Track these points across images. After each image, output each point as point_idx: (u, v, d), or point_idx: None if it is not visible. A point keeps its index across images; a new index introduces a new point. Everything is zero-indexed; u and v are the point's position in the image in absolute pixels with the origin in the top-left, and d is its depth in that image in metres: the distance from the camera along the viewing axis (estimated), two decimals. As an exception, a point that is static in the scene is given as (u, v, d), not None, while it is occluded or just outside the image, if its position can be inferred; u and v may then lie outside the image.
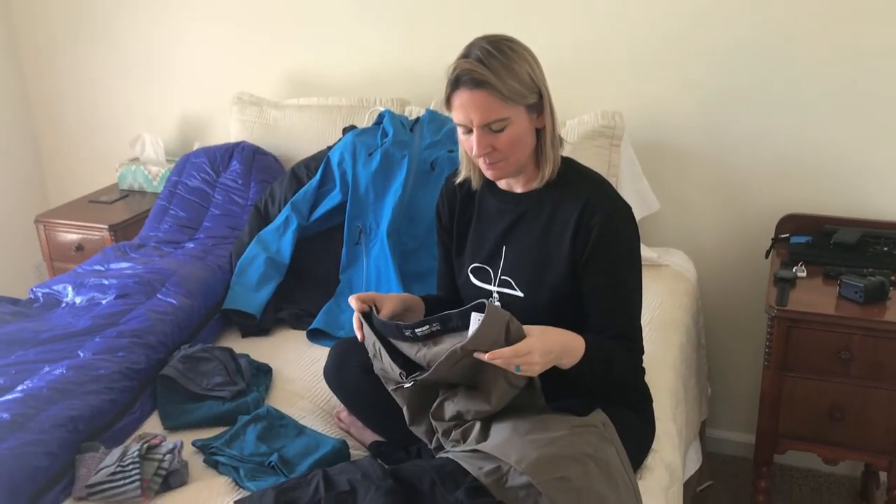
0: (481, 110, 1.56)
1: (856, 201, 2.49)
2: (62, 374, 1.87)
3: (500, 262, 1.73)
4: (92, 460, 1.67)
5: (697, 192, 2.65)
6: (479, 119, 1.57)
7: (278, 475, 1.67)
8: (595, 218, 1.61)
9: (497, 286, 1.73)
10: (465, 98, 1.56)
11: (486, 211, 1.78)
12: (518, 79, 1.56)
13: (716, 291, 2.71)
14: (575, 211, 1.63)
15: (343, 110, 2.81)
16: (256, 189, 2.73)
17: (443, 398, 1.65)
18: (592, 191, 1.66)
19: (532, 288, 1.68)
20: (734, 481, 2.71)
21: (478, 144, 1.59)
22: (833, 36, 2.38)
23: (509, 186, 1.75)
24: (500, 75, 1.54)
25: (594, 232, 1.61)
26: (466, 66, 1.55)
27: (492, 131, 1.58)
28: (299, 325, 2.32)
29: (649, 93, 2.60)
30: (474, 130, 1.58)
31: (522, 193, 1.72)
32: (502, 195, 1.75)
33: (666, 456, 1.77)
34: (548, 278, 1.67)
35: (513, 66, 1.56)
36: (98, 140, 3.44)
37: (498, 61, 1.54)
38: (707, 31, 2.49)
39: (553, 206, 1.67)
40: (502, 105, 1.56)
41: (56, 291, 2.34)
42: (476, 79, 1.54)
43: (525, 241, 1.70)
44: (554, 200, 1.68)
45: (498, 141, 1.59)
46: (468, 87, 1.55)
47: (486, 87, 1.54)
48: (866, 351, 2.08)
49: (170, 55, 3.20)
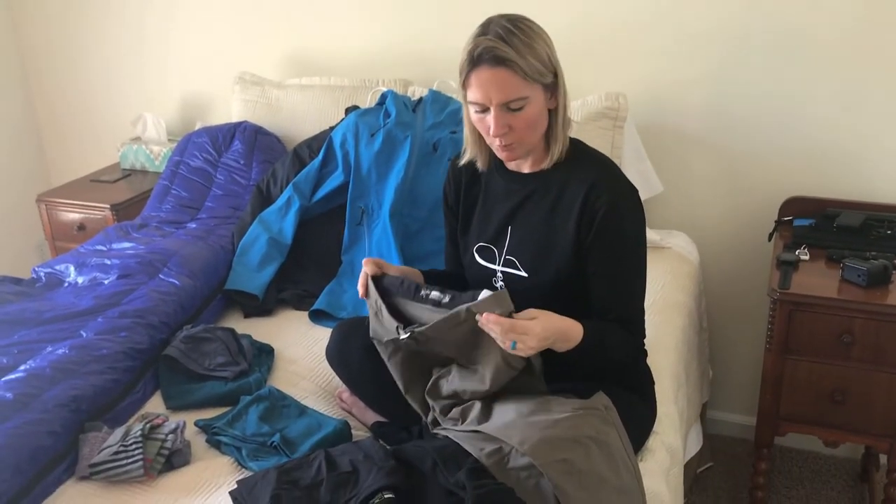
0: (502, 88, 1.54)
1: (859, 184, 2.48)
2: (65, 354, 1.88)
3: (505, 242, 1.73)
4: (95, 440, 1.68)
5: (701, 174, 2.64)
6: (499, 97, 1.55)
7: (280, 455, 1.68)
8: (601, 200, 1.60)
9: (501, 266, 1.73)
10: (486, 76, 1.54)
11: (492, 190, 1.77)
12: (538, 57, 1.55)
13: (718, 274, 2.71)
14: (581, 192, 1.62)
15: (346, 90, 2.79)
16: (258, 169, 2.72)
17: (437, 376, 1.65)
18: (599, 173, 1.65)
19: (536, 268, 1.68)
20: (734, 463, 2.72)
21: (496, 124, 1.57)
22: (838, 18, 2.36)
23: (517, 166, 1.74)
24: (522, 53, 1.53)
25: (599, 214, 1.60)
26: (489, 43, 1.53)
27: (510, 110, 1.56)
28: (301, 306, 2.32)
29: (653, 75, 2.59)
30: (492, 110, 1.57)
31: (530, 174, 1.72)
32: (509, 175, 1.75)
33: (667, 438, 1.78)
34: (552, 259, 1.66)
35: (533, 45, 1.55)
36: (100, 119, 3.43)
37: (519, 39, 1.53)
38: (712, 13, 2.47)
39: (560, 187, 1.67)
40: (523, 84, 1.54)
41: (58, 271, 2.34)
42: (499, 56, 1.52)
43: (531, 221, 1.70)
44: (561, 181, 1.67)
45: (516, 120, 1.58)
46: (489, 64, 1.53)
47: (508, 65, 1.52)
48: (868, 334, 2.08)
49: (172, 34, 3.18)
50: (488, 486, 1.43)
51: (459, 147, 2.32)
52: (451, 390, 1.62)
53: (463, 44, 1.57)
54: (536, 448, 1.45)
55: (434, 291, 1.60)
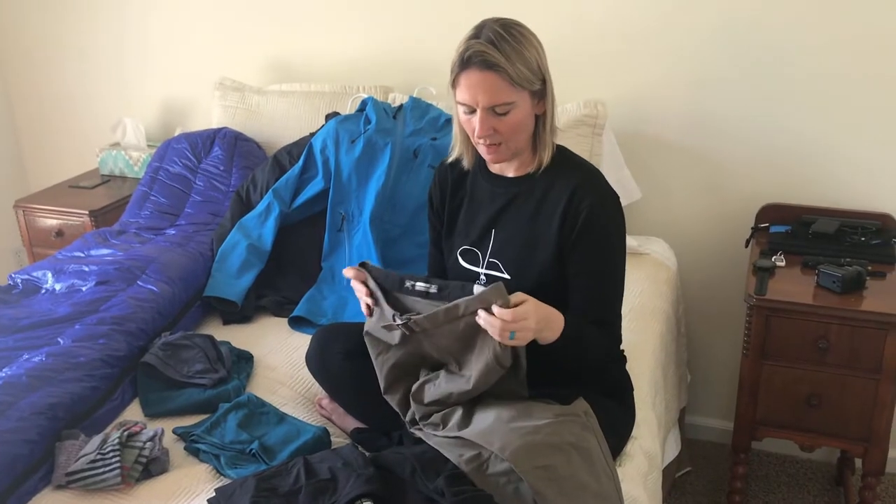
0: (489, 92, 1.56)
1: (834, 192, 2.51)
2: (42, 362, 1.86)
3: (488, 245, 1.74)
4: (72, 448, 1.67)
5: (678, 181, 2.66)
6: (485, 101, 1.57)
7: (259, 463, 1.68)
8: (584, 203, 1.62)
9: (485, 269, 1.74)
10: (475, 79, 1.57)
11: (477, 194, 1.79)
12: (527, 64, 1.58)
13: (696, 280, 2.73)
14: (564, 196, 1.65)
15: (326, 97, 2.80)
16: (238, 175, 2.71)
17: (424, 380, 1.66)
18: (583, 177, 1.67)
19: (519, 271, 1.69)
20: (712, 467, 2.74)
21: (481, 126, 1.59)
22: (814, 27, 2.39)
23: (501, 170, 1.76)
24: (511, 59, 1.55)
25: (582, 216, 1.62)
26: (479, 47, 1.55)
27: (496, 114, 1.59)
28: (281, 313, 2.32)
29: (631, 82, 2.61)
30: (478, 112, 1.59)
31: (514, 178, 1.73)
32: (494, 179, 1.76)
33: (645, 443, 1.79)
34: (534, 262, 1.68)
35: (523, 52, 1.57)
36: (79, 124, 3.41)
37: (509, 45, 1.55)
38: (689, 21, 2.49)
39: (543, 191, 1.69)
40: (510, 89, 1.57)
41: (35, 278, 2.32)
42: (488, 60, 1.54)
43: (514, 224, 1.71)
44: (544, 186, 1.69)
45: (501, 124, 1.60)
46: (479, 67, 1.55)
47: (496, 70, 1.55)
48: (843, 340, 2.11)
49: (152, 39, 3.17)
50: (467, 492, 1.44)
51: (440, 154, 2.35)
52: (436, 396, 1.62)
53: (443, 50, 1.59)
54: (517, 454, 1.45)
55: (419, 283, 1.62)
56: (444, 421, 1.62)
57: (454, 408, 1.62)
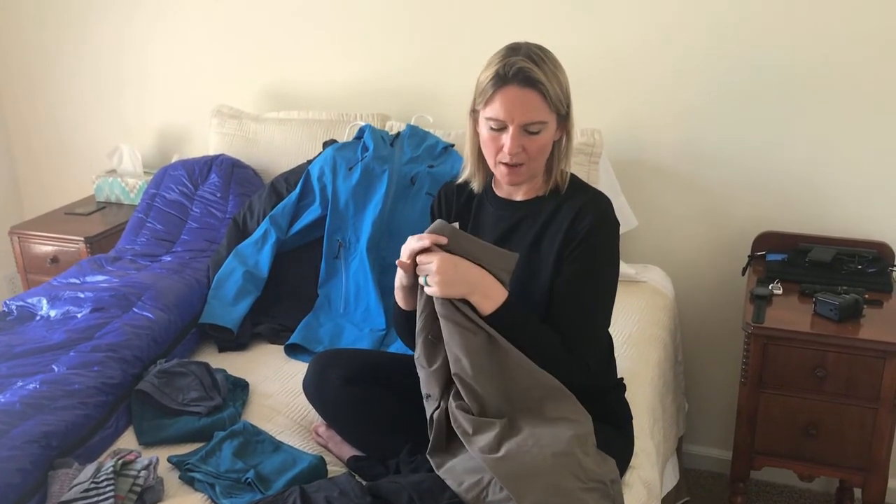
0: (527, 110, 1.57)
1: (830, 220, 2.52)
2: (35, 389, 1.84)
3: None
4: (65, 477, 1.65)
5: (675, 209, 2.67)
6: (522, 118, 1.58)
7: (255, 492, 1.66)
8: (585, 220, 1.63)
9: None
10: (514, 94, 1.57)
11: (482, 218, 1.79)
12: (561, 87, 1.60)
13: (693, 308, 2.73)
14: (569, 217, 1.65)
15: (323, 124, 2.81)
16: (235, 202, 2.71)
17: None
18: (589, 200, 1.68)
19: (521, 292, 1.68)
20: (711, 497, 2.72)
21: (512, 143, 1.59)
22: (809, 55, 2.41)
23: (509, 194, 1.76)
24: (551, 79, 1.58)
25: (581, 233, 1.63)
26: (523, 63, 1.56)
27: (527, 133, 1.59)
28: (277, 340, 2.31)
29: (627, 111, 2.63)
30: (511, 129, 1.59)
31: (521, 201, 1.73)
32: (500, 202, 1.76)
33: (644, 472, 1.78)
34: (537, 283, 1.67)
35: (558, 74, 1.60)
36: (75, 151, 3.41)
37: (548, 66, 1.58)
38: (685, 50, 2.52)
39: (550, 214, 1.69)
40: (545, 109, 1.58)
41: (30, 304, 2.31)
42: (532, 77, 1.56)
43: (518, 246, 1.70)
44: (552, 208, 1.69)
45: (530, 143, 1.60)
46: (520, 84, 1.56)
47: (538, 88, 1.56)
48: (841, 368, 2.10)
49: (149, 67, 3.18)
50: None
51: (437, 181, 2.36)
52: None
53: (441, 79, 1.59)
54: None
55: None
56: (476, 430, 1.55)
57: (492, 421, 1.55)
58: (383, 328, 2.31)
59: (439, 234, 1.58)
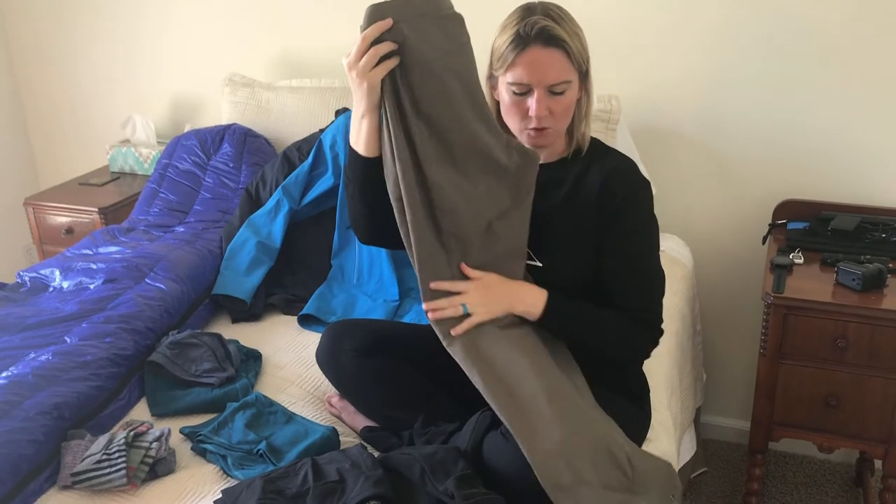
0: (554, 69, 1.53)
1: (854, 187, 2.46)
2: (48, 361, 1.84)
3: None
4: (77, 448, 1.65)
5: (694, 177, 2.62)
6: (549, 78, 1.53)
7: (266, 464, 1.65)
8: (620, 186, 1.60)
9: None
10: (538, 55, 1.52)
11: None
12: (582, 43, 1.56)
13: (712, 277, 2.69)
14: (599, 180, 1.61)
15: (336, 92, 2.77)
16: (248, 172, 2.69)
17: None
18: (618, 162, 1.65)
19: (552, 258, 1.65)
20: (729, 468, 2.70)
21: (538, 106, 1.55)
22: (832, 21, 2.34)
23: None
24: (572, 36, 1.53)
25: (618, 199, 1.59)
26: (544, 22, 1.51)
27: (553, 94, 1.55)
28: (290, 311, 2.30)
29: (646, 77, 2.57)
30: (536, 91, 1.54)
31: (545, 164, 1.69)
32: None
33: (661, 444, 1.77)
34: (569, 249, 1.64)
35: (577, 31, 1.55)
36: (88, 122, 3.40)
37: (567, 23, 1.54)
38: (705, 15, 2.45)
39: (577, 177, 1.65)
40: (570, 67, 1.54)
41: (43, 276, 2.31)
42: (554, 35, 1.51)
43: (545, 211, 1.65)
44: (578, 172, 1.65)
45: (556, 104, 1.56)
46: (543, 44, 1.52)
47: (561, 45, 1.52)
48: (863, 339, 2.06)
49: (162, 35, 3.15)
50: (477, 495, 1.41)
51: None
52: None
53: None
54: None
55: None
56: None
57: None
58: (397, 299, 2.29)
59: (379, 19, 1.49)
